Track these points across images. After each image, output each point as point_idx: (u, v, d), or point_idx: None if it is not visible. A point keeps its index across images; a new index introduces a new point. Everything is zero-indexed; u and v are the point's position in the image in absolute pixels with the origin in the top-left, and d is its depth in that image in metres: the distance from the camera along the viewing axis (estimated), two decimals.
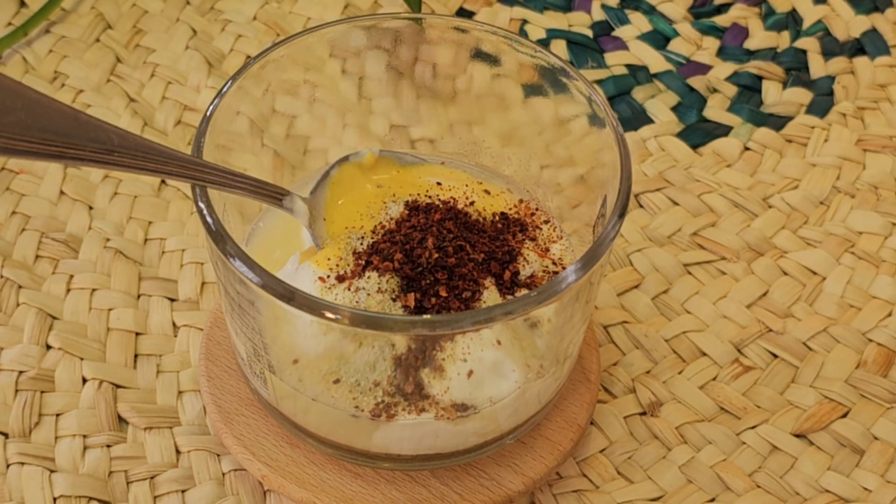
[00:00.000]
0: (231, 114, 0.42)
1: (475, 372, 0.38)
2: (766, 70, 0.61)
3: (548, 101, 0.45)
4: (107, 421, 0.45)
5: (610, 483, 0.44)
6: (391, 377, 0.38)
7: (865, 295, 0.51)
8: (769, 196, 0.55)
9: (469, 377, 0.38)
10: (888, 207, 0.55)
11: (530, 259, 0.42)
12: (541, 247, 0.43)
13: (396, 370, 0.38)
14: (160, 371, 0.47)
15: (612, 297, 0.50)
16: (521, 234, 0.43)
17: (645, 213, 0.54)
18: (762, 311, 0.50)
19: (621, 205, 0.38)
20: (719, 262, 0.52)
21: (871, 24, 0.64)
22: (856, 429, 0.46)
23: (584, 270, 0.36)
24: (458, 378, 0.38)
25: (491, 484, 0.42)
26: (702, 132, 0.58)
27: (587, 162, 0.44)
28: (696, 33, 0.64)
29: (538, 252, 0.43)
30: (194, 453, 0.44)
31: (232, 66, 0.59)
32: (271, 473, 0.42)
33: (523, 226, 0.44)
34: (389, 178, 0.45)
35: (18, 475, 0.43)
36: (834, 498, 0.44)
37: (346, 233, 0.42)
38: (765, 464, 0.45)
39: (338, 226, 0.42)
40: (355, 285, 0.39)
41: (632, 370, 0.48)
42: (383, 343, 0.37)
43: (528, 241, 0.43)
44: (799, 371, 0.48)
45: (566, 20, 0.64)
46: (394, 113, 0.50)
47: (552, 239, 0.44)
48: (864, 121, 0.59)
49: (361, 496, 0.41)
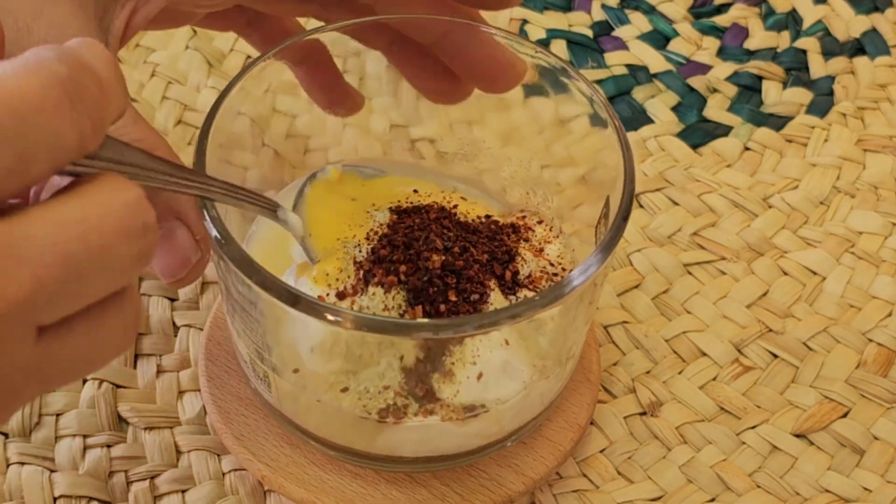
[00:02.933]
0: (232, 114, 0.42)
1: (484, 374, 0.38)
2: (766, 70, 0.61)
3: (548, 101, 0.45)
4: (107, 421, 0.45)
5: (610, 483, 0.44)
6: (401, 382, 0.38)
7: (865, 295, 0.51)
8: (769, 196, 0.55)
9: (479, 379, 0.38)
10: (888, 207, 0.55)
11: (528, 259, 0.42)
12: (535, 247, 0.43)
13: (405, 375, 0.38)
14: (160, 371, 0.47)
15: (613, 297, 0.50)
16: (515, 234, 0.43)
17: (645, 213, 0.54)
18: (762, 311, 0.50)
19: (625, 207, 0.38)
20: (719, 262, 0.52)
21: (871, 24, 0.64)
22: (856, 429, 0.46)
23: (590, 273, 0.36)
24: (467, 381, 0.38)
25: (491, 484, 0.42)
26: (702, 132, 0.58)
27: (588, 162, 0.44)
28: (696, 33, 0.64)
29: (533, 252, 0.43)
30: (194, 453, 0.44)
31: (232, 66, 0.59)
32: (271, 473, 0.42)
33: (515, 227, 0.44)
34: (361, 191, 0.45)
35: (18, 475, 0.43)
36: (834, 498, 0.44)
37: (338, 244, 0.41)
38: (765, 464, 0.45)
39: (326, 240, 0.41)
40: (358, 303, 0.39)
41: (632, 370, 0.48)
42: (392, 349, 0.37)
43: (522, 241, 0.43)
44: (799, 371, 0.48)
45: (566, 20, 0.64)
46: (394, 113, 0.50)
47: (547, 239, 0.44)
48: (864, 121, 0.59)
49: (362, 496, 0.41)
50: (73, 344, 0.26)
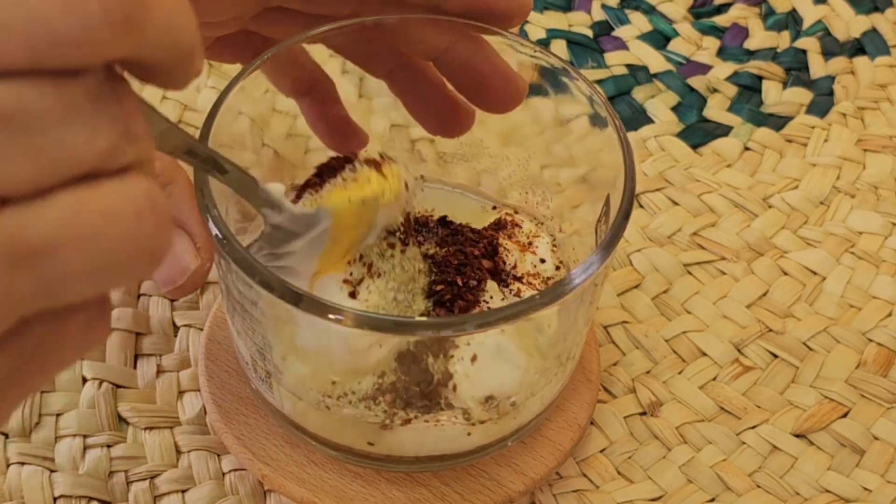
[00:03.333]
0: (232, 114, 0.42)
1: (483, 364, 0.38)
2: (766, 70, 0.61)
3: (548, 101, 0.45)
4: (107, 421, 0.45)
5: (610, 483, 0.44)
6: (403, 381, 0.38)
7: (865, 295, 0.51)
8: (769, 196, 0.55)
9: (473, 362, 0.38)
10: (888, 207, 0.55)
11: (511, 249, 0.43)
12: (521, 243, 0.44)
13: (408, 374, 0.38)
14: (160, 371, 0.47)
15: (612, 297, 0.50)
16: (500, 231, 0.44)
17: (645, 213, 0.54)
18: (762, 311, 0.50)
19: (626, 206, 0.38)
20: (719, 262, 0.52)
21: (871, 24, 0.64)
22: (856, 429, 0.46)
23: (591, 271, 0.36)
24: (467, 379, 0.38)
25: (491, 484, 0.42)
26: (702, 132, 0.58)
27: (588, 162, 0.44)
28: (696, 33, 0.64)
29: (520, 247, 0.43)
30: (194, 453, 0.44)
31: (232, 66, 0.59)
32: (272, 473, 0.42)
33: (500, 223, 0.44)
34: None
35: (18, 475, 0.43)
36: (834, 498, 0.44)
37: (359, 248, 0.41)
38: (765, 464, 0.45)
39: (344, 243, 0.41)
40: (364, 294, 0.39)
41: (632, 370, 0.48)
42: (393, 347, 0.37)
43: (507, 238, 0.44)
44: (799, 371, 0.48)
45: (566, 20, 0.64)
46: (394, 113, 0.50)
47: (534, 234, 0.44)
48: (864, 121, 0.59)
49: (362, 496, 0.41)
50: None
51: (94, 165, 0.22)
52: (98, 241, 0.22)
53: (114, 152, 0.22)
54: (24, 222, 0.21)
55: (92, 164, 0.22)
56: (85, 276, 0.22)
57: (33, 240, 0.21)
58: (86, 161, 0.22)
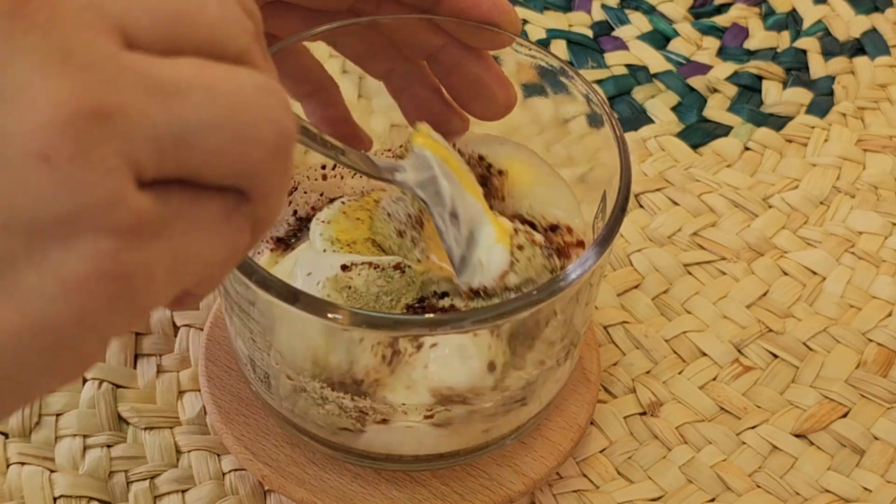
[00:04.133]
0: None
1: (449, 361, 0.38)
2: (766, 70, 0.61)
3: (547, 101, 0.45)
4: (107, 421, 0.45)
5: (610, 483, 0.44)
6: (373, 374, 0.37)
7: (865, 295, 0.51)
8: (769, 196, 0.55)
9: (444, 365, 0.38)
10: (888, 207, 0.55)
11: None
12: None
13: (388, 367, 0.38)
14: (160, 371, 0.47)
15: (612, 297, 0.50)
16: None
17: (645, 213, 0.54)
18: (762, 311, 0.50)
19: (622, 200, 0.38)
20: (719, 262, 0.52)
21: (871, 24, 0.64)
22: (856, 429, 0.46)
23: (588, 266, 0.36)
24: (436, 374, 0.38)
25: (491, 484, 0.42)
26: (702, 132, 0.58)
27: (587, 162, 0.44)
28: (696, 33, 0.64)
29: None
30: (194, 453, 0.44)
31: None
32: (271, 473, 0.42)
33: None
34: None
35: (18, 475, 0.43)
36: (834, 498, 0.44)
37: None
38: (765, 464, 0.45)
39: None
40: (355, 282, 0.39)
41: (632, 370, 0.48)
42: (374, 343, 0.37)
43: None
44: (799, 371, 0.48)
45: (566, 20, 0.64)
46: (394, 112, 0.50)
47: None
48: (864, 121, 0.59)
49: (362, 496, 0.41)
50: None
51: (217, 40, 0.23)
52: (225, 96, 0.22)
53: (235, 33, 0.23)
54: (155, 63, 0.21)
55: (216, 39, 0.23)
56: (213, 132, 0.22)
57: (164, 76, 0.21)
58: (213, 34, 0.23)
